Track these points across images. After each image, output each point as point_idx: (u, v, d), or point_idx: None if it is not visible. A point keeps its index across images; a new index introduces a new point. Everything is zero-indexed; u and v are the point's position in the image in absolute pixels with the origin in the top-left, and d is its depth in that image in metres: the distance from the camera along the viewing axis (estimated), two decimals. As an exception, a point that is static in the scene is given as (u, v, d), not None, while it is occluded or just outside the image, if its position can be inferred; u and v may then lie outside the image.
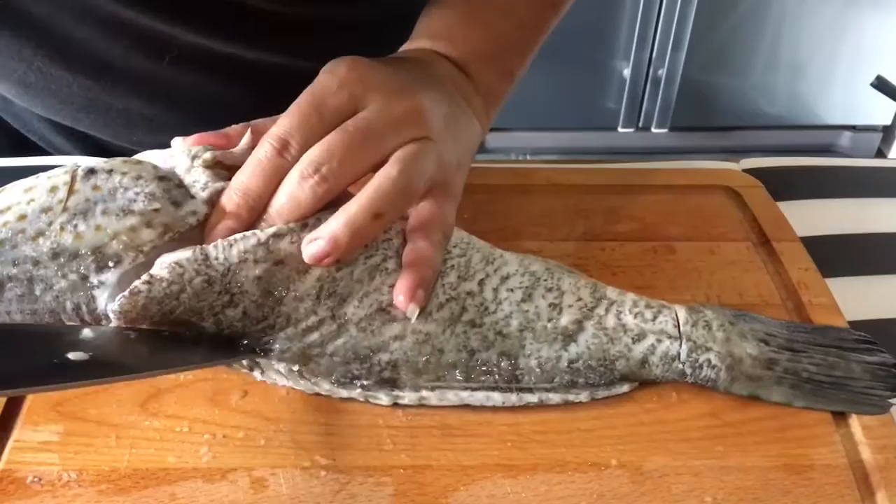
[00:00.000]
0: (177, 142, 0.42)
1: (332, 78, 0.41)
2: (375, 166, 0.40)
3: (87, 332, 0.37)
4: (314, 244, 0.38)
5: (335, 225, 0.38)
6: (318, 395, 0.41)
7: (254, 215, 0.40)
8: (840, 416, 0.40)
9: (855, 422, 0.40)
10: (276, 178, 0.40)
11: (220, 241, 0.39)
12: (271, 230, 0.39)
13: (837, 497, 0.37)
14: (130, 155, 0.43)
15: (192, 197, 0.40)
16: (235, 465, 0.37)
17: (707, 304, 0.44)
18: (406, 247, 0.41)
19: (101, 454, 0.37)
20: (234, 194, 0.39)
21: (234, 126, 0.43)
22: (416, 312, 0.40)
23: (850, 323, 0.45)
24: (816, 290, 0.47)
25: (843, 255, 0.52)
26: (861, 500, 0.37)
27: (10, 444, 0.38)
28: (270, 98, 0.45)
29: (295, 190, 0.39)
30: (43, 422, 0.39)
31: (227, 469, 0.37)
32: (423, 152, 0.41)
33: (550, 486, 0.37)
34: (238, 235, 0.39)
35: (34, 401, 0.40)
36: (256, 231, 0.39)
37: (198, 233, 0.40)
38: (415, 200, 0.41)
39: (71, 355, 0.35)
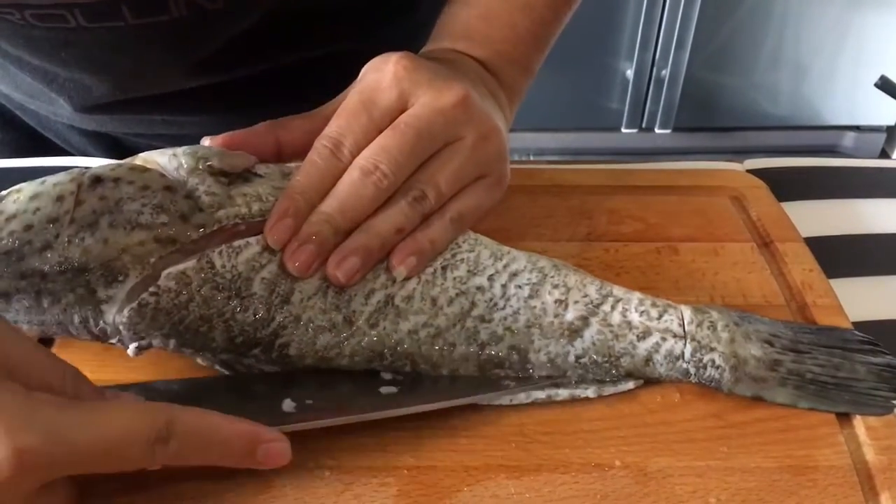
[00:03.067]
0: (205, 141, 0.43)
1: (379, 76, 0.42)
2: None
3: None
4: (349, 261, 0.39)
5: (364, 238, 0.40)
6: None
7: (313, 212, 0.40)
8: (844, 417, 0.40)
9: (859, 423, 0.40)
10: (331, 177, 0.40)
11: (223, 247, 0.39)
12: None
13: (842, 498, 0.37)
14: (147, 150, 0.43)
15: (200, 209, 0.40)
16: (240, 466, 0.37)
17: (712, 304, 0.44)
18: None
19: (106, 455, 0.38)
20: (293, 194, 0.40)
21: (261, 124, 0.44)
22: (403, 275, 0.41)
23: (854, 324, 0.45)
24: (820, 290, 0.47)
25: (846, 256, 0.52)
26: (865, 501, 0.37)
27: (15, 444, 0.38)
28: (293, 93, 0.46)
29: (357, 186, 0.40)
30: (48, 422, 0.39)
31: (231, 469, 0.37)
32: (458, 160, 0.42)
33: (554, 487, 0.37)
34: (241, 242, 0.40)
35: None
36: (259, 237, 0.40)
37: (202, 244, 0.40)
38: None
39: (382, 389, 0.39)
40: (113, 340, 0.40)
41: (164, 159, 0.42)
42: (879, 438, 0.39)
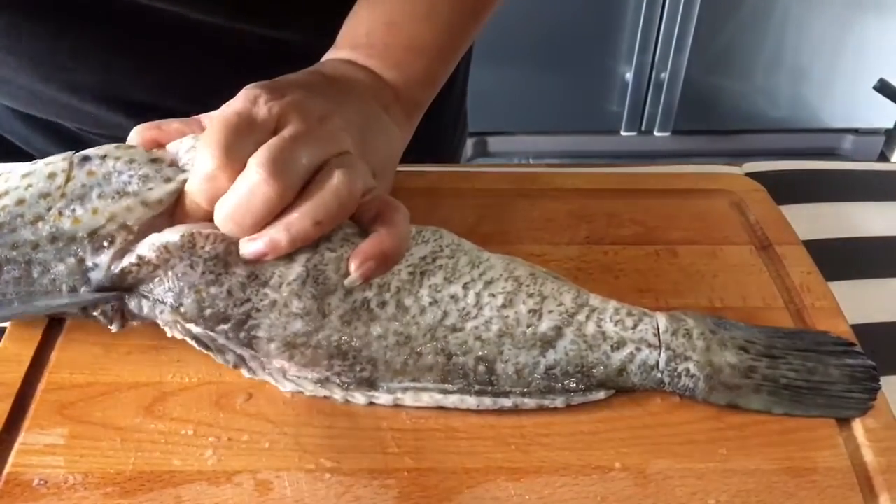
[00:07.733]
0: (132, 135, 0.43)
1: (251, 94, 0.41)
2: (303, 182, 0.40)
3: None
4: (253, 244, 0.39)
5: (275, 231, 0.39)
6: (300, 393, 0.41)
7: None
8: (843, 419, 0.41)
9: (858, 425, 0.40)
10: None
11: (210, 233, 0.39)
12: None
13: (841, 500, 0.37)
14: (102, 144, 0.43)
15: (183, 171, 0.41)
16: (240, 468, 0.38)
17: (688, 311, 0.44)
18: (376, 232, 0.41)
19: (107, 457, 0.38)
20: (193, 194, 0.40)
21: (138, 126, 0.44)
22: (356, 283, 0.40)
23: (852, 326, 0.45)
24: (819, 293, 0.47)
25: (845, 259, 0.52)
26: (864, 502, 0.37)
27: (16, 447, 0.38)
28: (249, 73, 0.45)
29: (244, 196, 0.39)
30: (49, 425, 0.39)
31: (231, 472, 0.37)
32: (353, 161, 0.41)
33: (554, 489, 0.37)
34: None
35: (40, 404, 0.40)
36: None
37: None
38: (355, 204, 0.41)
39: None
40: (96, 313, 0.40)
41: (174, 145, 0.42)
42: (878, 440, 0.39)
